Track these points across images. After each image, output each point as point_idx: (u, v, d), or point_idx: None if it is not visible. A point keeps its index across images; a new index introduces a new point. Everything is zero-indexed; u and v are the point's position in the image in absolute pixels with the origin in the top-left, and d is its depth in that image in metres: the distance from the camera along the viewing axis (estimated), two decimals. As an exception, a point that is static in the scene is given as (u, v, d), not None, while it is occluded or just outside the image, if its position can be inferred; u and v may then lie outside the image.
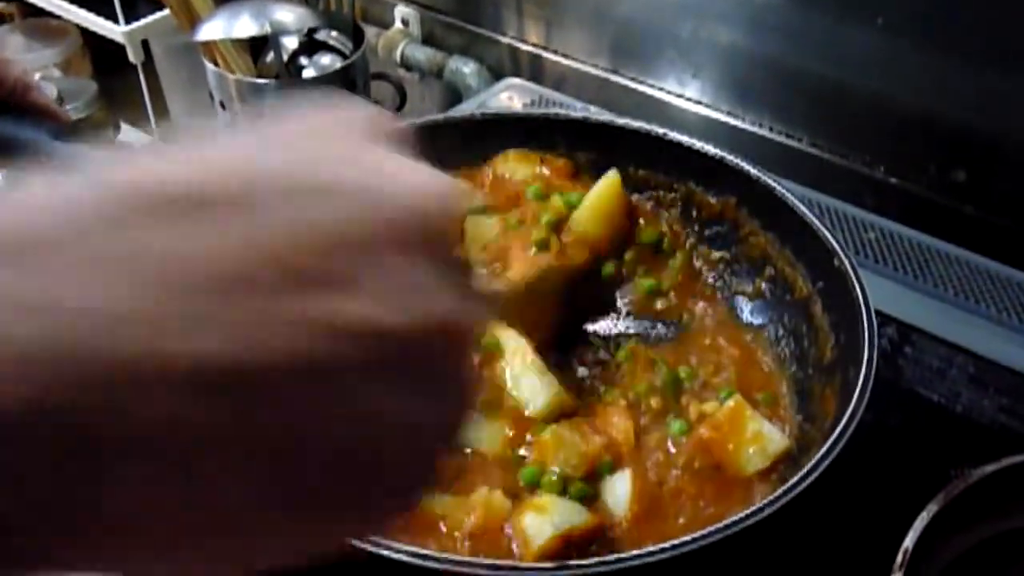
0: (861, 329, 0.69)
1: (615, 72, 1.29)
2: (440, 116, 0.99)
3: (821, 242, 0.77)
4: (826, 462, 0.58)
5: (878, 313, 0.72)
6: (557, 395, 0.75)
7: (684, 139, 0.89)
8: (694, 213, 0.91)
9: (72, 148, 0.80)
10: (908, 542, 0.57)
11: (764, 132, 1.18)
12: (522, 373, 0.75)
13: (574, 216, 0.87)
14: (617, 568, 0.52)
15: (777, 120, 1.17)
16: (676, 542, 0.52)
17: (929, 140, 1.06)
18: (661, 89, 1.25)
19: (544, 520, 0.63)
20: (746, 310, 0.87)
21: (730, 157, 0.87)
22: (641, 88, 1.26)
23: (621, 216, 0.89)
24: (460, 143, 0.96)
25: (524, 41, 1.36)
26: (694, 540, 0.53)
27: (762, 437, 0.69)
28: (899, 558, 0.57)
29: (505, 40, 1.37)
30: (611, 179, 0.88)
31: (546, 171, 0.93)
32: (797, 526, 0.61)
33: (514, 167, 0.95)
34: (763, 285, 0.86)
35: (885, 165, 1.10)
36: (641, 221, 0.91)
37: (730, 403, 0.71)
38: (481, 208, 0.91)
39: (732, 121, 1.20)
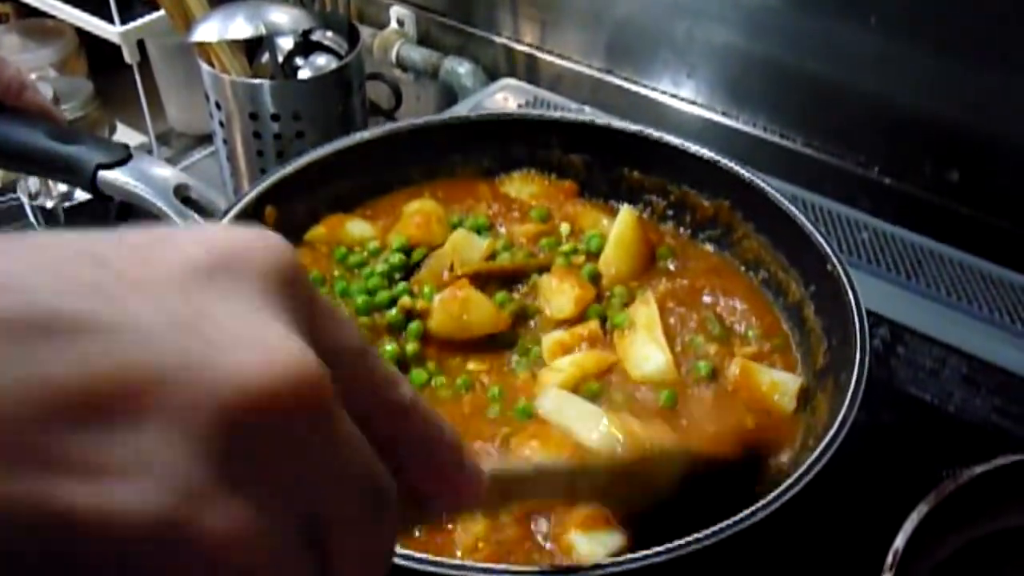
0: (853, 335, 0.69)
1: (610, 72, 1.29)
2: (436, 118, 0.99)
3: (814, 246, 0.78)
4: (817, 467, 0.59)
5: (871, 313, 0.72)
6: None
7: (678, 141, 0.89)
8: (688, 217, 0.92)
9: (67, 148, 0.80)
10: (899, 542, 0.58)
11: (758, 132, 1.18)
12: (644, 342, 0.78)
13: (603, 258, 0.86)
14: (612, 572, 0.52)
15: (771, 120, 1.17)
16: (671, 545, 0.53)
17: (923, 140, 1.07)
18: (656, 89, 1.25)
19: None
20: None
21: (724, 159, 0.87)
22: (636, 88, 1.27)
23: (645, 250, 0.88)
24: (456, 144, 0.97)
25: (519, 41, 1.36)
26: (688, 544, 0.53)
27: (778, 385, 0.75)
28: (889, 558, 0.57)
29: (500, 40, 1.37)
30: (628, 216, 0.88)
31: (553, 191, 0.94)
32: (788, 526, 0.62)
33: (519, 187, 0.95)
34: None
35: (879, 165, 1.11)
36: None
37: (735, 369, 0.76)
38: (479, 225, 0.91)
39: (726, 121, 1.20)
